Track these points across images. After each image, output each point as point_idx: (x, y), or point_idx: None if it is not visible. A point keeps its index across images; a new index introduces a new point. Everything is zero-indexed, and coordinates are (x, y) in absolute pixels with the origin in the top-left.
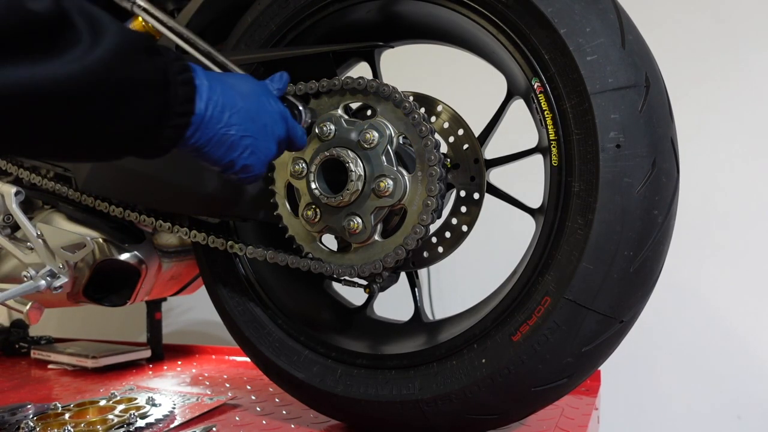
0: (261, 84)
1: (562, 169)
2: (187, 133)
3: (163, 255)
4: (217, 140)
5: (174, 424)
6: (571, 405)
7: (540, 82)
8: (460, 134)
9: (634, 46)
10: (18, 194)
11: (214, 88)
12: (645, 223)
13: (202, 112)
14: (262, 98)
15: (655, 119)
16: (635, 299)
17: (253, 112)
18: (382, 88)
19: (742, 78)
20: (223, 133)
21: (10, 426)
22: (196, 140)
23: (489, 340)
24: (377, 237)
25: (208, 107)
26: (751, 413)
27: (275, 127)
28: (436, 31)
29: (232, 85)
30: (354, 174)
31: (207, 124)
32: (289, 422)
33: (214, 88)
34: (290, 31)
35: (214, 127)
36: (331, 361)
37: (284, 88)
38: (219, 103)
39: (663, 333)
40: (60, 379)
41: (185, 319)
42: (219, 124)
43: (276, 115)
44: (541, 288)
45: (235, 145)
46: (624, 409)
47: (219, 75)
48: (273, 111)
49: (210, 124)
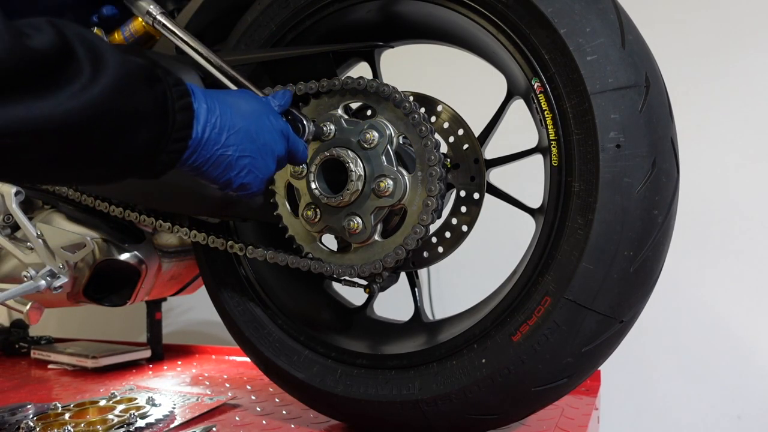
0: (263, 102)
1: (562, 169)
2: (184, 156)
3: (163, 255)
4: (214, 161)
5: (174, 424)
6: (571, 405)
7: (540, 82)
8: (460, 134)
9: (634, 46)
10: (18, 194)
11: (212, 109)
12: (645, 223)
13: (198, 135)
14: (263, 117)
15: (655, 119)
16: (635, 299)
17: (253, 131)
18: (382, 88)
19: (742, 78)
20: (220, 154)
21: (10, 426)
22: (194, 161)
23: (489, 340)
24: (377, 237)
25: (205, 130)
26: (751, 413)
27: (275, 145)
28: (436, 31)
29: (233, 104)
30: (354, 174)
31: (204, 146)
32: (289, 422)
33: (213, 109)
34: (290, 31)
35: (211, 149)
36: (331, 361)
37: (286, 105)
38: (217, 124)
39: (663, 333)
40: (60, 379)
41: (185, 319)
42: (216, 145)
43: (276, 134)
44: (541, 288)
45: (233, 165)
46: (624, 409)
47: (220, 94)
48: (273, 129)
49: (207, 146)
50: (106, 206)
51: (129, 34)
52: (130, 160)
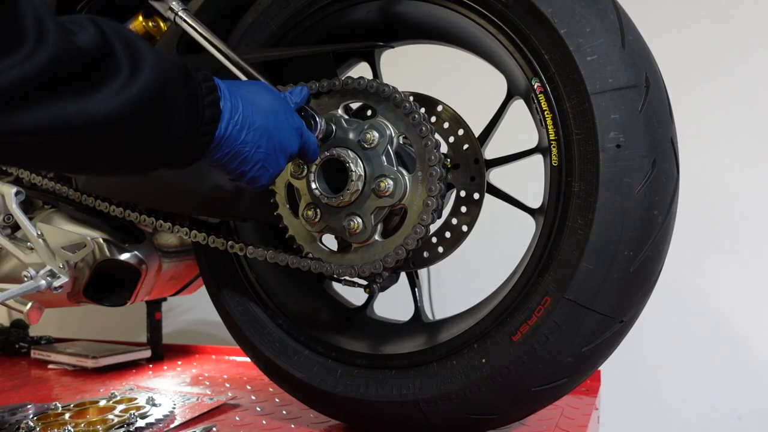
0: (281, 99)
1: (563, 169)
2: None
3: (163, 255)
4: (233, 155)
5: (174, 424)
6: (571, 405)
7: (540, 82)
8: (460, 134)
9: (634, 46)
10: (18, 194)
11: (236, 106)
12: (645, 223)
13: (222, 132)
14: (281, 115)
15: (655, 119)
16: (635, 299)
17: (271, 129)
18: (382, 88)
19: (742, 78)
20: (238, 150)
21: (10, 426)
22: (215, 154)
23: (489, 340)
24: (377, 237)
25: (228, 126)
26: (751, 413)
27: (290, 143)
28: (436, 31)
29: (254, 101)
30: (354, 174)
31: (225, 142)
32: (289, 422)
33: (236, 106)
34: (291, 31)
35: (231, 144)
36: (331, 361)
37: (302, 102)
38: (239, 121)
39: (663, 333)
40: (60, 379)
41: (185, 319)
42: (236, 141)
43: (292, 132)
44: (541, 288)
45: (248, 160)
46: (624, 409)
47: (242, 89)
48: (290, 127)
49: (228, 142)
50: (106, 206)
51: None
52: (163, 153)
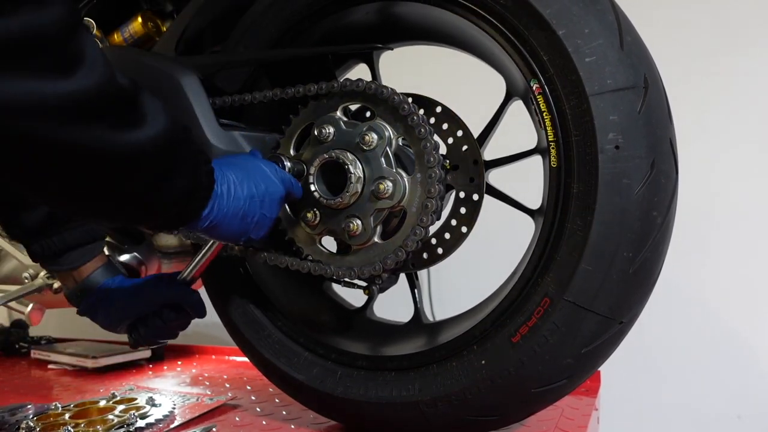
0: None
1: (561, 170)
2: (206, 209)
3: (162, 256)
4: (232, 213)
5: (174, 424)
6: (571, 405)
7: (539, 83)
8: (459, 135)
9: (632, 47)
10: None
11: (223, 171)
12: (644, 224)
13: (218, 190)
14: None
15: (653, 120)
16: (635, 300)
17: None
18: (380, 89)
19: (742, 78)
20: (234, 206)
21: (10, 426)
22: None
23: (489, 342)
24: (377, 239)
25: (222, 188)
26: (751, 413)
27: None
28: (435, 32)
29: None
30: (353, 176)
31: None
32: (289, 423)
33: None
34: (289, 32)
35: (228, 204)
36: (331, 363)
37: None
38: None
39: (663, 333)
40: (60, 379)
41: None
42: (230, 198)
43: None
44: (540, 289)
45: (248, 213)
46: (624, 409)
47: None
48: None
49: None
50: None
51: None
52: (167, 204)
